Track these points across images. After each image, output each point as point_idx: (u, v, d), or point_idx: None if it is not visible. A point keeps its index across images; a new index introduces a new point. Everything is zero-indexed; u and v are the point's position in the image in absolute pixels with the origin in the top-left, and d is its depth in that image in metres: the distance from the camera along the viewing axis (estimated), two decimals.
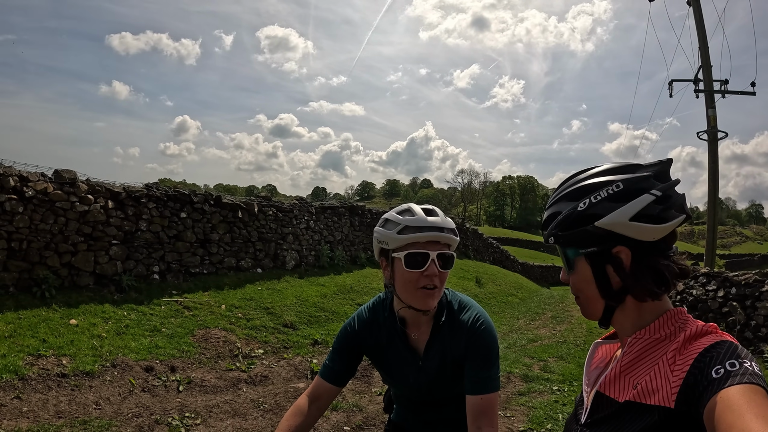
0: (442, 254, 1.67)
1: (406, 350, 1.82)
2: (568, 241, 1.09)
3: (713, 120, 15.94)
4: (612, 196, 1.02)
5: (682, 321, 1.03)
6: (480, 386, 1.67)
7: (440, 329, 1.78)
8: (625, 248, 1.02)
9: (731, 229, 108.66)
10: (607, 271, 1.05)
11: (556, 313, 13.69)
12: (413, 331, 1.82)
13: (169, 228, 8.90)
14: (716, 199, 16.42)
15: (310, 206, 12.50)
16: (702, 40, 16.15)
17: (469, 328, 1.74)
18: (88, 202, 7.52)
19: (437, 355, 1.78)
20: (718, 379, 0.84)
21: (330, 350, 1.92)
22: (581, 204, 1.05)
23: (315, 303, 9.53)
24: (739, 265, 33.67)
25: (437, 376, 1.80)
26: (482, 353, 1.72)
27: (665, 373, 0.94)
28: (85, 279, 7.53)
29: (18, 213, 6.75)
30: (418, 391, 1.86)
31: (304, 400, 1.81)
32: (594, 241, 1.04)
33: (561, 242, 1.10)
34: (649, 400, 0.94)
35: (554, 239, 1.11)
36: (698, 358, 0.90)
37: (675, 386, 0.90)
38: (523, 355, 8.31)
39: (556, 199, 1.14)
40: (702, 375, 0.87)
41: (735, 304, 8.63)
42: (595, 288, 1.08)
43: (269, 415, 5.15)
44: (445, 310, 1.80)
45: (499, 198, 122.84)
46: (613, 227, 1.01)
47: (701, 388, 0.85)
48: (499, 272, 20.23)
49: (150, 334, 6.71)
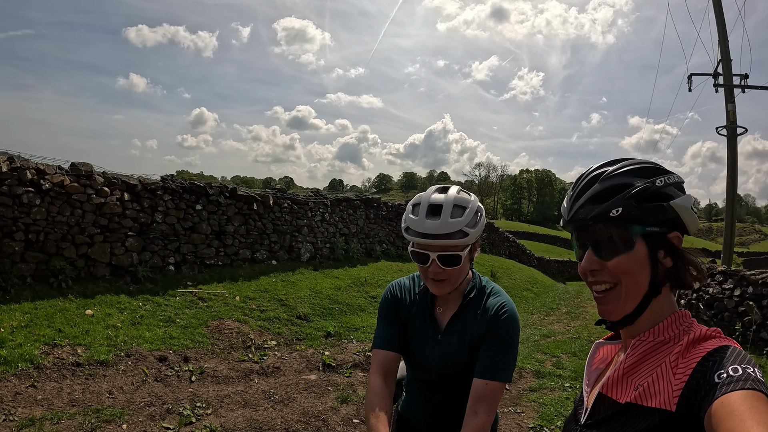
0: (441, 255, 1.69)
1: (430, 322, 1.87)
2: (640, 215, 1.02)
3: (732, 115, 15.64)
4: (677, 184, 1.04)
5: (687, 324, 1.03)
6: (489, 371, 1.69)
7: (467, 307, 1.83)
8: (679, 235, 1.04)
9: (750, 227, 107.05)
10: (658, 255, 1.03)
11: (570, 309, 13.58)
12: (440, 306, 1.88)
13: (184, 220, 8.98)
14: (735, 196, 16.13)
15: (326, 198, 12.53)
16: (722, 33, 15.83)
17: (494, 313, 1.76)
18: (104, 194, 7.61)
19: (457, 332, 1.82)
20: (720, 383, 0.83)
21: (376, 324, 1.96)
22: (658, 180, 1.03)
23: (329, 295, 9.56)
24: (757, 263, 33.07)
25: (453, 353, 1.81)
26: (499, 339, 1.73)
27: (668, 376, 0.94)
28: (101, 270, 7.63)
29: (35, 205, 6.85)
30: (430, 368, 1.86)
31: (377, 381, 1.82)
32: (661, 221, 1.02)
33: (632, 215, 1.02)
34: (651, 402, 0.94)
35: (623, 210, 1.02)
36: (701, 362, 0.89)
37: (677, 389, 0.90)
38: (536, 350, 8.26)
39: (620, 173, 1.06)
40: (704, 379, 0.86)
41: (751, 303, 8.51)
42: (648, 273, 1.03)
43: (279, 406, 5.18)
44: (475, 291, 1.85)
45: (516, 192, 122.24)
46: (681, 211, 1.01)
47: (703, 393, 0.85)
48: (514, 266, 20.12)
49: (164, 324, 6.79)
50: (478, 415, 1.64)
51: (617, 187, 1.05)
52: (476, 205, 1.75)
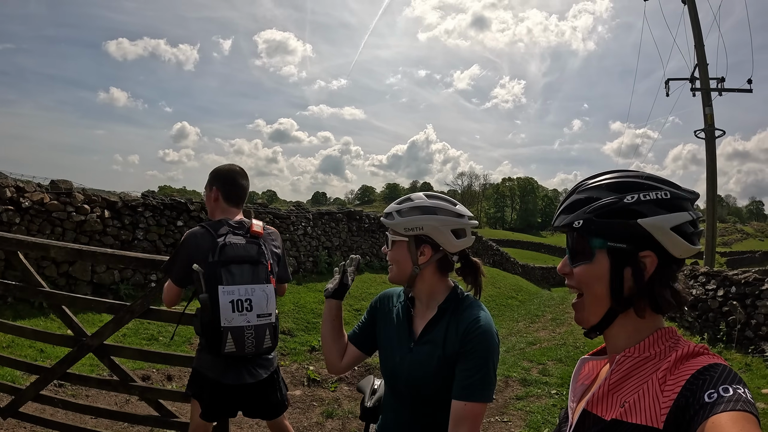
0: (386, 234, 1.90)
1: (405, 329, 1.87)
2: (600, 229, 1.03)
3: (710, 118, 15.98)
4: (659, 202, 1.00)
5: (674, 340, 1.02)
6: (467, 392, 1.64)
7: (440, 318, 1.80)
8: (654, 255, 1.00)
9: (732, 227, 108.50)
10: (624, 272, 1.02)
11: (556, 315, 13.66)
12: (418, 313, 1.89)
13: (166, 236, 8.93)
14: (715, 197, 16.45)
15: (308, 212, 12.54)
16: (697, 38, 16.21)
17: (466, 328, 1.72)
18: (84, 211, 7.56)
19: (429, 343, 1.78)
20: (710, 403, 0.82)
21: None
22: (628, 197, 1.02)
23: (312, 309, 9.53)
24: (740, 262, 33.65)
25: (423, 363, 1.77)
26: (475, 356, 1.68)
27: (654, 392, 0.93)
28: (83, 288, 7.55)
29: (15, 224, 6.79)
30: (399, 376, 1.84)
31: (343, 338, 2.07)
32: (627, 238, 1.01)
33: (591, 228, 1.04)
34: (637, 419, 0.93)
35: (584, 223, 1.05)
36: (690, 380, 0.89)
37: (665, 407, 0.89)
38: (522, 358, 8.30)
39: (593, 186, 1.09)
40: (694, 398, 0.85)
41: (735, 303, 8.62)
42: (606, 287, 1.04)
43: (264, 422, 5.14)
44: (451, 302, 1.83)
45: (499, 200, 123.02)
46: (655, 231, 0.99)
47: (692, 412, 0.84)
48: (498, 275, 20.22)
49: (147, 342, 6.73)
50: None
51: (585, 200, 1.07)
52: (422, 204, 1.80)
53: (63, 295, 3.55)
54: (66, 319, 3.45)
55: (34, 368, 3.69)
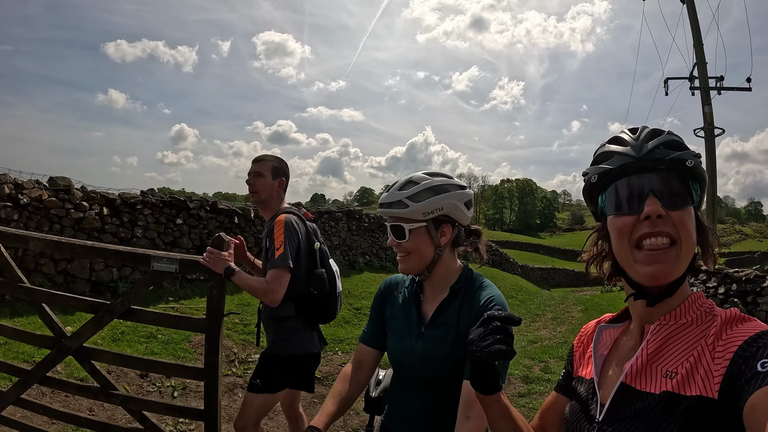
0: (392, 226, 1.75)
1: (416, 314, 1.82)
2: (703, 176, 1.02)
3: (710, 117, 16.00)
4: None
5: (708, 305, 0.99)
6: None
7: (452, 299, 1.76)
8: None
9: (731, 227, 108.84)
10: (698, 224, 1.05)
11: (556, 314, 13.65)
12: (427, 297, 1.84)
13: (165, 234, 8.89)
14: (715, 197, 16.48)
15: None
16: (696, 37, 16.23)
17: (481, 308, 1.68)
18: (83, 209, 7.51)
19: (441, 326, 1.74)
20: (764, 373, 0.78)
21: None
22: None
23: None
24: (739, 263, 33.55)
25: (435, 347, 1.72)
26: None
27: (706, 361, 0.89)
28: (81, 286, 7.50)
29: (13, 220, 6.74)
30: (411, 362, 1.79)
31: (349, 368, 1.95)
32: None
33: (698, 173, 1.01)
34: (690, 390, 0.88)
35: (695, 164, 0.99)
36: (743, 346, 0.85)
37: (718, 375, 0.85)
38: (524, 356, 8.26)
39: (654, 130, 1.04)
40: (747, 365, 0.82)
41: (736, 300, 8.62)
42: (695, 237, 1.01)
43: (265, 420, 5.10)
44: (463, 283, 1.79)
45: (497, 201, 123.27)
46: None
47: (743, 381, 0.81)
48: (498, 275, 20.20)
49: (146, 340, 6.67)
50: (471, 420, 1.52)
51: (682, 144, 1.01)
52: (431, 184, 1.73)
53: (42, 291, 3.38)
54: (45, 317, 3.24)
55: (15, 370, 3.57)
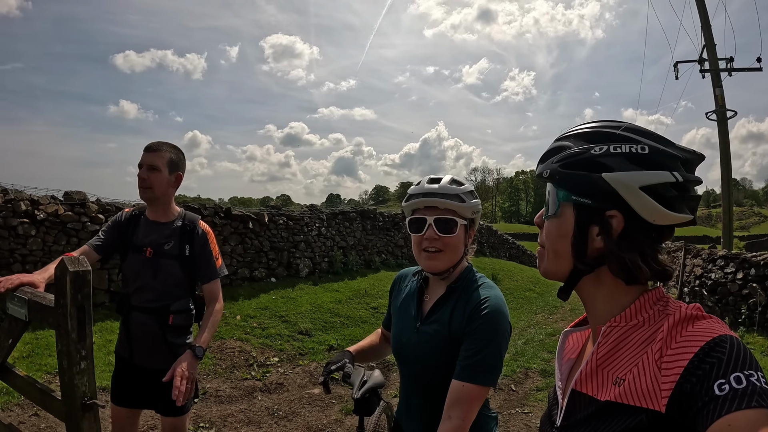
0: (438, 219, 1.72)
1: (416, 309, 1.85)
2: (564, 180, 0.95)
3: (721, 99, 15.75)
4: (632, 156, 0.90)
5: (663, 303, 0.92)
6: (466, 372, 1.59)
7: (448, 297, 1.77)
8: (620, 215, 0.90)
9: (749, 210, 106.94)
10: (589, 230, 0.93)
11: (574, 306, 13.51)
12: (428, 293, 1.87)
13: None
14: (730, 180, 16.23)
15: (321, 213, 12.55)
16: (704, 18, 16.00)
17: (475, 306, 1.67)
18: (99, 221, 7.61)
19: (435, 323, 1.75)
20: (722, 397, 0.72)
21: None
22: (597, 148, 0.92)
23: (330, 309, 9.54)
24: (759, 245, 32.85)
25: (428, 344, 1.75)
26: (479, 336, 1.62)
27: (652, 370, 0.83)
28: (101, 297, 7.61)
29: (31, 236, 6.86)
30: (407, 357, 1.83)
31: (380, 334, 2.20)
32: (592, 193, 0.92)
33: (556, 179, 0.96)
34: (635, 401, 0.83)
35: (549, 173, 0.97)
36: (694, 361, 0.78)
37: (666, 389, 0.79)
38: (542, 350, 8.24)
39: (568, 135, 1.00)
40: (701, 386, 0.75)
41: (755, 285, 8.51)
42: (569, 243, 0.95)
43: (284, 422, 5.16)
44: (462, 282, 1.79)
45: (513, 194, 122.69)
46: (620, 187, 0.88)
47: (700, 404, 0.74)
48: (515, 268, 20.08)
49: None
50: (452, 420, 1.54)
51: (557, 149, 0.99)
52: (471, 188, 1.79)
53: None
54: None
55: None
